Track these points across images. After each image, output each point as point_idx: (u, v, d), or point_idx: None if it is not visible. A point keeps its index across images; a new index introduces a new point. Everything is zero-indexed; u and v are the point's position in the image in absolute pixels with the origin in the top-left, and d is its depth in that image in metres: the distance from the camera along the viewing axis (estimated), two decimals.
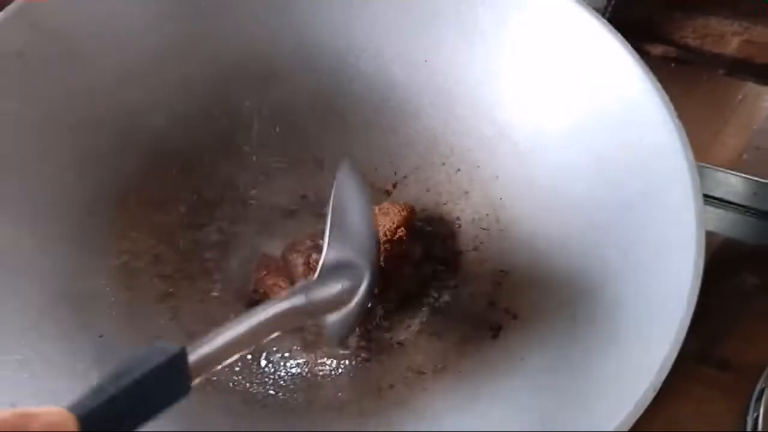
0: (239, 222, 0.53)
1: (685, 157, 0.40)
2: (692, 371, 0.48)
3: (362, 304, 0.39)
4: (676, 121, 0.41)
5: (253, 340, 0.33)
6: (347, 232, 0.40)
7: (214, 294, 0.50)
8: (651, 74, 0.43)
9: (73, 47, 0.47)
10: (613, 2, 0.57)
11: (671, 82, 0.42)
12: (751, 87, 0.59)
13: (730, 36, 0.59)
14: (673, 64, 0.60)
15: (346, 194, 0.40)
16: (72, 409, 0.23)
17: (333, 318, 0.39)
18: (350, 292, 0.39)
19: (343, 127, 0.56)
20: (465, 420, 0.42)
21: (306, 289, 0.37)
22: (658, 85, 0.42)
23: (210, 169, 0.54)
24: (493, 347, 0.45)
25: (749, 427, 0.46)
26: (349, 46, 0.54)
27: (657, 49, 0.59)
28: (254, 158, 0.55)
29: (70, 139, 0.48)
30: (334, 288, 0.38)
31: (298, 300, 0.36)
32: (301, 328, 0.48)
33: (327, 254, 0.39)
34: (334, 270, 0.39)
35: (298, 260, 0.48)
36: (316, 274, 0.39)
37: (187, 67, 0.52)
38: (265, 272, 0.50)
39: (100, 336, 0.44)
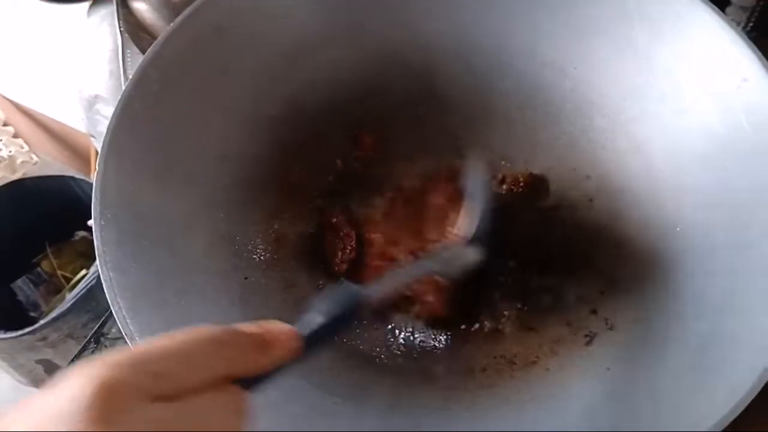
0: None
1: None
2: None
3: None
4: None
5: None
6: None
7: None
8: None
9: (259, 27, 0.55)
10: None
11: None
12: None
13: None
14: None
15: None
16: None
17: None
18: None
19: (487, 120, 0.60)
20: (543, 412, 0.45)
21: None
22: None
23: (353, 144, 0.60)
24: (584, 352, 0.48)
25: None
26: (505, 47, 0.58)
27: None
28: (396, 139, 0.60)
29: (248, 105, 0.56)
30: None
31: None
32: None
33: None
34: None
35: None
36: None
37: (352, 52, 0.59)
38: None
39: (245, 278, 0.52)
